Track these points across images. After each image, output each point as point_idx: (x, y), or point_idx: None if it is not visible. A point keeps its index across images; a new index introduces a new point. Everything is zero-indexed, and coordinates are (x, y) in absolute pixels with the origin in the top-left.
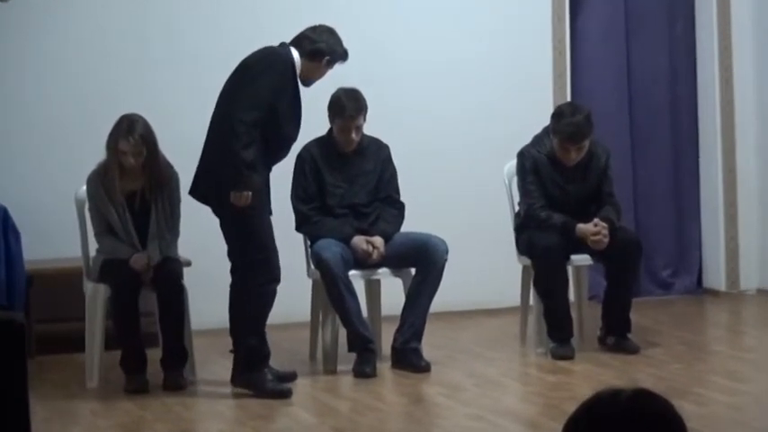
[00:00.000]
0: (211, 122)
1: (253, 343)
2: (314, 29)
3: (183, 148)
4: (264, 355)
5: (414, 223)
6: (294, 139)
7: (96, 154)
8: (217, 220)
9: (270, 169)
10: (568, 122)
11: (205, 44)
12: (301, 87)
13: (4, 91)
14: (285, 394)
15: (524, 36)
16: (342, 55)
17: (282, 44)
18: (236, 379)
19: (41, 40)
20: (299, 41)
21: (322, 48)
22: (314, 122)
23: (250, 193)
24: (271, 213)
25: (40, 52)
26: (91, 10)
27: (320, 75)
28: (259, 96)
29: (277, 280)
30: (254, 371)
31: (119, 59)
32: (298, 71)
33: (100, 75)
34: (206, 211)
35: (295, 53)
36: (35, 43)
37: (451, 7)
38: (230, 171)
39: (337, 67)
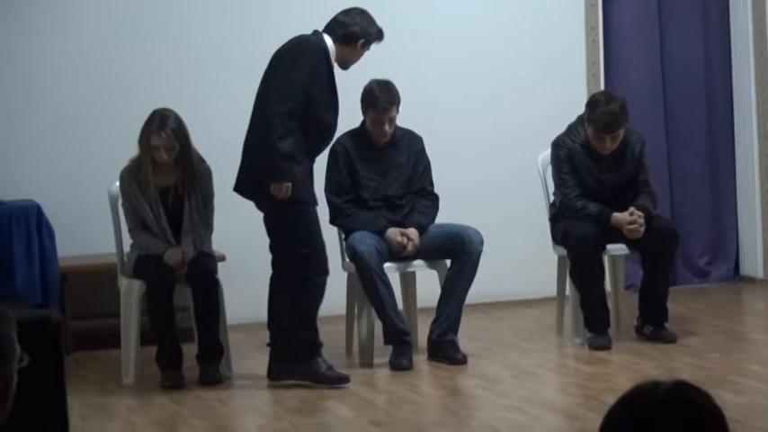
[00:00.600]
0: (251, 116)
1: (306, 336)
2: (345, 12)
3: (211, 143)
4: (317, 346)
5: (448, 215)
6: (333, 126)
7: (128, 150)
8: (250, 214)
9: (313, 160)
10: (603, 111)
11: (232, 38)
12: (338, 72)
13: (35, 88)
14: (344, 380)
15: (557, 25)
16: (376, 35)
17: (315, 32)
18: (286, 372)
19: (70, 36)
20: (331, 27)
21: (355, 31)
22: (347, 115)
23: (290, 184)
24: (316, 204)
25: (69, 48)
26: (117, 5)
27: (357, 57)
28: (292, 86)
29: (326, 272)
30: (308, 361)
31: (148, 54)
32: (332, 57)
33: (129, 70)
34: (239, 205)
35: (328, 39)
36: (64, 39)
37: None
38: (268, 163)
39: (369, 58)
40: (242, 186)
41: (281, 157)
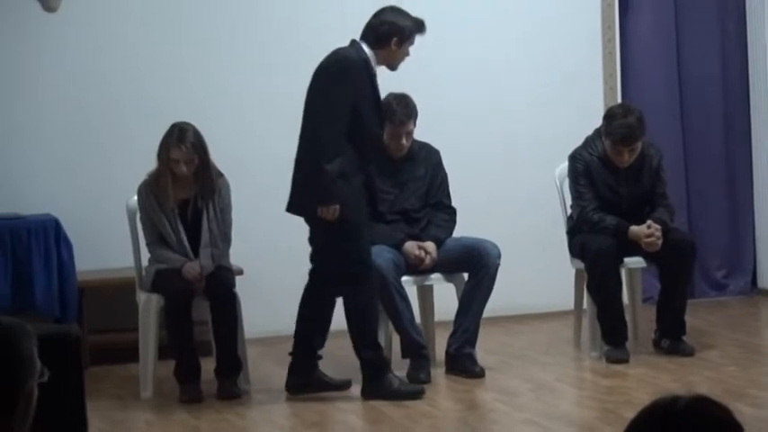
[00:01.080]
0: (300, 133)
1: (370, 355)
2: (376, 14)
3: (227, 157)
4: (385, 362)
5: (465, 228)
6: (381, 136)
7: (146, 164)
8: (268, 227)
9: (365, 173)
10: (620, 124)
11: (248, 53)
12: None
13: (54, 103)
14: (419, 393)
15: (574, 38)
16: (413, 27)
17: (353, 41)
18: (364, 392)
19: (87, 51)
20: (365, 33)
21: (386, 31)
22: None
23: (337, 206)
24: (367, 223)
25: (86, 62)
26: (131, 23)
27: (401, 55)
28: (337, 105)
29: (376, 291)
30: (377, 380)
31: (165, 69)
32: (373, 64)
33: (147, 85)
34: (257, 218)
35: (365, 47)
36: (80, 55)
37: (501, 9)
38: (316, 186)
39: (389, 72)
40: (292, 204)
41: (329, 179)
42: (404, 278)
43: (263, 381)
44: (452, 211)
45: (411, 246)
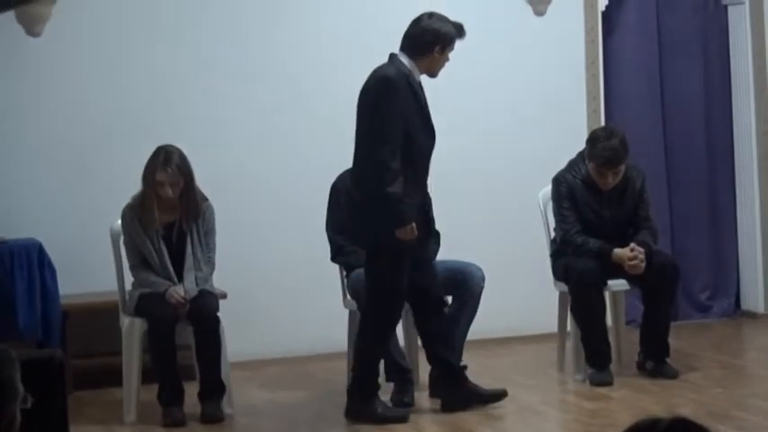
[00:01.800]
0: (354, 162)
1: (364, 376)
2: (414, 23)
3: (211, 181)
4: (377, 387)
5: (449, 251)
6: (431, 146)
7: (130, 187)
8: (252, 252)
9: (422, 184)
10: (604, 147)
11: (233, 75)
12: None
13: (35, 126)
14: (403, 418)
15: (557, 60)
16: (453, 33)
17: (392, 56)
18: (349, 413)
19: (71, 75)
20: (404, 44)
21: (429, 39)
22: (348, 152)
23: (413, 224)
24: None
25: (70, 87)
26: (119, 45)
27: (442, 63)
28: (386, 129)
29: (398, 310)
30: (366, 401)
31: (147, 93)
32: (416, 75)
33: (131, 109)
34: (241, 243)
35: (404, 58)
36: (63, 80)
37: (483, 30)
38: (387, 211)
39: None
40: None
41: (396, 200)
42: None
43: (247, 404)
44: (437, 234)
45: None
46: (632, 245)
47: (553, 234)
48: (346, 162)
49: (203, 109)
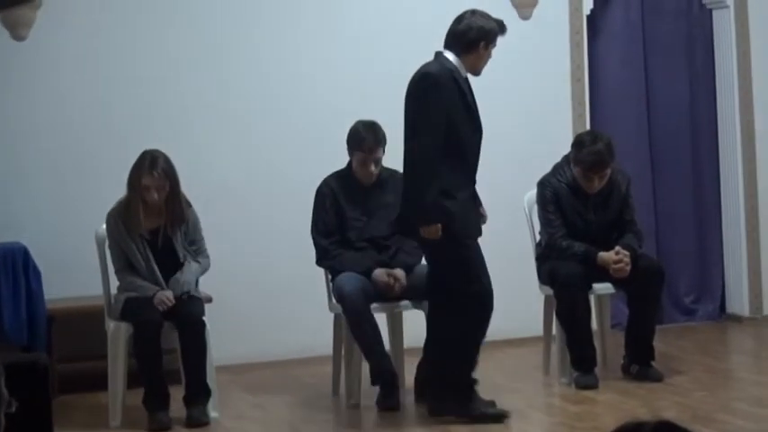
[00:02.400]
0: (404, 159)
1: (459, 372)
2: (458, 20)
3: (198, 185)
4: (474, 382)
5: None
6: (478, 142)
7: (115, 191)
8: (237, 255)
9: (471, 183)
10: (590, 151)
11: (217, 80)
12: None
13: (20, 130)
14: (500, 417)
15: (543, 64)
16: (496, 29)
17: (437, 54)
18: (443, 408)
19: (56, 79)
20: (449, 41)
21: (474, 36)
22: (333, 155)
23: (439, 225)
24: (477, 236)
25: (55, 91)
26: (104, 50)
27: (486, 59)
28: (432, 122)
29: (491, 308)
30: (467, 398)
31: (133, 101)
32: (462, 72)
33: (116, 113)
34: (226, 246)
35: (450, 55)
36: (48, 84)
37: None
38: (417, 206)
39: (357, 96)
40: (400, 225)
41: (428, 199)
42: (373, 305)
43: (232, 408)
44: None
45: (380, 273)
46: (617, 248)
47: (538, 238)
48: (331, 166)
49: (188, 114)
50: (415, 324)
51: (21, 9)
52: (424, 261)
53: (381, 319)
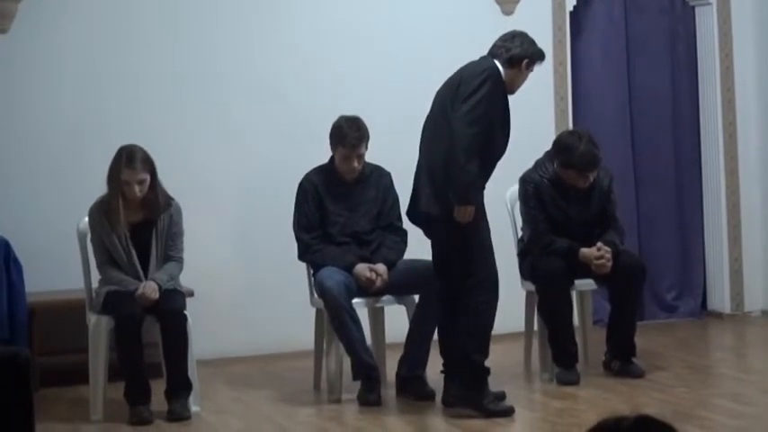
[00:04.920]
0: (426, 142)
1: (477, 361)
2: (505, 37)
3: (179, 181)
4: (487, 372)
5: (416, 250)
6: (502, 152)
7: (96, 185)
8: (219, 250)
9: (483, 186)
10: (582, 152)
11: (198, 80)
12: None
13: (4, 124)
14: (508, 413)
15: None
16: (538, 55)
17: (484, 58)
18: (454, 399)
19: (38, 72)
20: (495, 53)
21: (519, 53)
22: (315, 150)
23: (473, 208)
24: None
25: (37, 84)
26: (85, 47)
27: (523, 80)
28: (477, 111)
29: (497, 296)
30: (476, 390)
31: (115, 95)
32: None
33: (99, 107)
34: (207, 241)
35: (497, 63)
36: (31, 77)
37: (451, 29)
38: (456, 186)
39: (339, 92)
40: (416, 212)
41: (470, 179)
42: (355, 300)
43: (214, 402)
44: (403, 233)
45: (362, 268)
46: (599, 244)
47: (520, 233)
48: (313, 160)
49: (171, 108)
50: (396, 319)
51: (2, 1)
52: (405, 256)
53: (363, 314)
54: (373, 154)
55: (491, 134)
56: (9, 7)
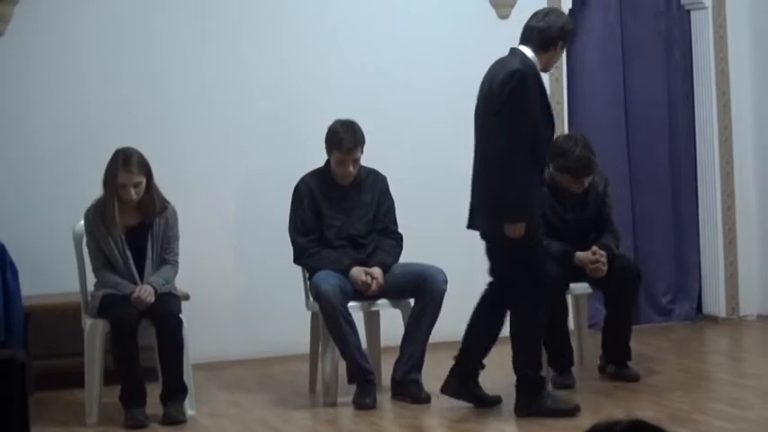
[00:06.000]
0: (475, 153)
1: (529, 374)
2: (535, 17)
3: (174, 184)
4: (543, 381)
5: (412, 254)
6: (551, 136)
7: (93, 189)
8: (214, 253)
9: (542, 173)
10: (578, 157)
11: (195, 80)
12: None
13: None
14: (573, 411)
15: None
16: (572, 32)
17: (513, 50)
18: (518, 409)
19: (33, 75)
20: (526, 37)
21: (554, 35)
22: (311, 154)
23: (524, 224)
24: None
25: (32, 88)
26: (80, 49)
27: (558, 58)
28: (515, 123)
29: (546, 309)
30: (533, 396)
31: (111, 98)
32: (539, 67)
33: (94, 110)
34: (203, 244)
35: (527, 51)
36: (27, 79)
37: (447, 33)
38: (503, 203)
39: (334, 95)
40: (474, 222)
41: (514, 197)
42: (350, 304)
43: (209, 406)
44: (399, 237)
45: (358, 271)
46: (594, 248)
47: None
48: (309, 164)
49: (165, 110)
50: (392, 323)
51: None
52: (401, 260)
53: (358, 317)
54: (370, 158)
55: (537, 129)
56: (5, 10)
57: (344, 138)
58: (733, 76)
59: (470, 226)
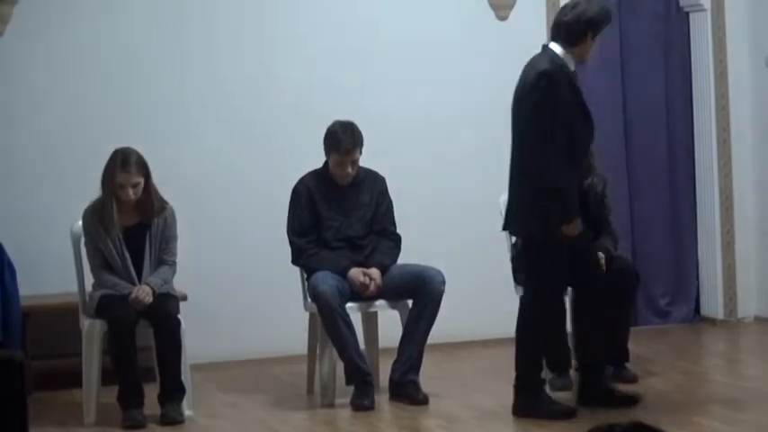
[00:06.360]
0: (513, 157)
1: (530, 373)
2: (566, 11)
3: (173, 184)
4: (542, 381)
5: (410, 255)
6: (590, 134)
7: (91, 189)
8: (212, 253)
9: (581, 167)
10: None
11: (197, 79)
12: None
13: None
14: (570, 414)
15: (520, 65)
16: (603, 18)
17: (544, 47)
18: (516, 410)
19: (32, 75)
20: (556, 33)
21: (582, 29)
22: (309, 155)
23: (579, 219)
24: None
25: (33, 87)
26: (80, 50)
27: (592, 48)
28: (548, 126)
29: (548, 321)
30: (533, 397)
31: (110, 98)
32: (570, 66)
33: (92, 110)
34: (201, 244)
35: (558, 49)
36: (25, 79)
37: (445, 35)
38: (554, 206)
39: (333, 96)
40: (511, 225)
41: (564, 198)
42: (348, 305)
43: (207, 406)
44: (397, 238)
45: (356, 272)
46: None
47: (514, 238)
48: (307, 164)
49: (164, 110)
50: (390, 324)
51: None
52: (399, 261)
53: (356, 318)
54: (369, 159)
55: (571, 128)
56: (5, 10)
57: (343, 139)
58: (731, 79)
59: (509, 231)
